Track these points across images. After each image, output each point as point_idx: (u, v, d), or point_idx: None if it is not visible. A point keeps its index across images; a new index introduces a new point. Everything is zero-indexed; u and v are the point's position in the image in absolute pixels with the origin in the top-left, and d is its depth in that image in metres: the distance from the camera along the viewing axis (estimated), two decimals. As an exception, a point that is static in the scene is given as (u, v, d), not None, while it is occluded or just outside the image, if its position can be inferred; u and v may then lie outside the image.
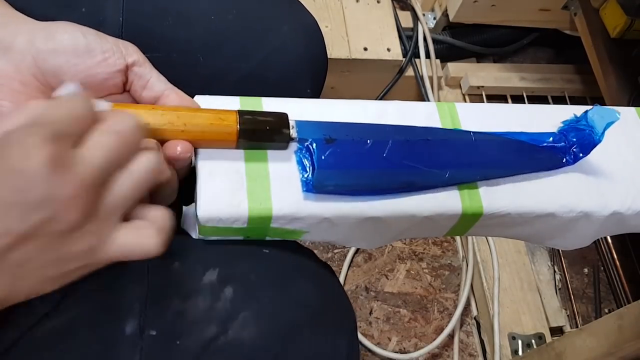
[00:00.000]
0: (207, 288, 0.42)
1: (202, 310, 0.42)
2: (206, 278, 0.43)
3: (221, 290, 0.42)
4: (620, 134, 0.53)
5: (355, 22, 1.27)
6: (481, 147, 0.48)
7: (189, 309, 0.42)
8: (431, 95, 1.28)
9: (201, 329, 0.41)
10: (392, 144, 0.45)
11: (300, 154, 0.45)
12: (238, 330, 0.41)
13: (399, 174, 0.45)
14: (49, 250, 0.32)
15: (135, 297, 0.41)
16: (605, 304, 1.20)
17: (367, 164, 0.45)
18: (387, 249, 1.19)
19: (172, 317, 0.41)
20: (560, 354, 0.81)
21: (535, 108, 0.54)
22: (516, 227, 0.50)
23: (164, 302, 0.42)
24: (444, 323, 1.11)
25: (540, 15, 1.28)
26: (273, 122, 0.43)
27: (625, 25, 1.03)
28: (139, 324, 0.41)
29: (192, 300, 0.42)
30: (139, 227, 0.35)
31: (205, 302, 0.42)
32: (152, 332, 0.40)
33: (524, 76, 1.34)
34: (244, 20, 0.55)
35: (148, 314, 0.41)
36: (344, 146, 0.44)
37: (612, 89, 1.08)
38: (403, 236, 0.51)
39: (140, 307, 0.41)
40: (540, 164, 0.49)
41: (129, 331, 0.40)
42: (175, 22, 0.52)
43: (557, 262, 1.21)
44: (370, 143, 0.45)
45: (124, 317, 0.41)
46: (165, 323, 0.41)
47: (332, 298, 0.49)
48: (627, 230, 0.53)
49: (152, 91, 0.43)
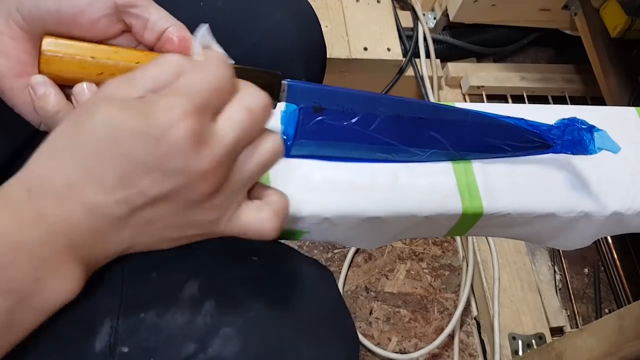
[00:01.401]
0: (186, 301, 0.40)
1: (179, 325, 0.39)
2: (186, 290, 0.40)
3: (202, 303, 0.40)
4: (621, 134, 0.53)
5: (355, 21, 1.27)
6: (474, 128, 0.48)
7: (166, 324, 0.39)
8: (431, 95, 1.28)
9: (178, 346, 0.38)
10: (380, 120, 0.45)
11: (286, 115, 0.44)
12: (219, 347, 0.38)
13: (377, 150, 0.46)
14: (177, 215, 0.33)
15: (106, 310, 0.39)
16: (605, 304, 1.20)
17: (349, 138, 0.45)
18: (387, 249, 1.18)
19: (146, 332, 0.38)
20: (561, 354, 0.80)
21: (535, 108, 0.54)
22: (516, 227, 0.50)
23: (138, 316, 0.39)
24: (444, 323, 1.11)
25: (541, 15, 1.28)
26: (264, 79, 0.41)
27: (625, 25, 1.03)
28: (110, 339, 0.38)
29: (170, 314, 0.39)
30: (261, 208, 0.36)
31: (183, 317, 0.39)
32: (124, 349, 0.38)
33: (524, 76, 1.34)
34: (233, 6, 0.54)
35: (120, 329, 0.38)
36: (331, 116, 0.44)
37: (613, 89, 1.08)
38: (403, 236, 0.51)
39: (112, 321, 0.38)
40: (530, 147, 0.49)
41: (99, 348, 0.37)
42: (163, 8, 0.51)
43: (558, 262, 1.21)
44: (358, 116, 0.44)
45: (93, 332, 0.38)
46: (139, 339, 0.38)
47: (329, 310, 0.46)
48: (627, 230, 0.53)
49: (153, 32, 0.40)
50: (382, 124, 0.45)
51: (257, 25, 0.54)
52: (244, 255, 0.43)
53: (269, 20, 0.54)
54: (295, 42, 0.55)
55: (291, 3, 0.57)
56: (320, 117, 0.43)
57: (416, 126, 0.46)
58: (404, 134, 0.46)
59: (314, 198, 0.44)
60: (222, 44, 0.40)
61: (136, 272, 0.40)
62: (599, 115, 0.55)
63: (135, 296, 0.40)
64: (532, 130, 0.48)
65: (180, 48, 0.39)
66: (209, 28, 0.37)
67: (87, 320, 0.38)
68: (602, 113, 0.56)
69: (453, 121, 0.47)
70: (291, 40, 0.55)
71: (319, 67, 0.60)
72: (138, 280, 0.40)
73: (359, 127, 0.44)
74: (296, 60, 0.56)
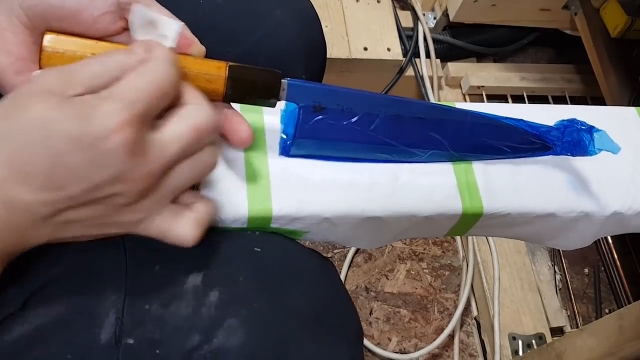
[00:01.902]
0: (191, 293, 0.40)
1: (184, 316, 0.39)
2: (190, 282, 0.40)
3: (206, 294, 0.39)
4: (621, 133, 0.53)
5: (355, 21, 1.27)
6: (474, 129, 0.48)
7: (170, 316, 0.39)
8: (431, 95, 1.28)
9: (183, 338, 0.38)
10: (379, 120, 0.45)
11: (286, 114, 0.44)
12: (223, 338, 0.38)
13: (377, 150, 0.46)
14: (99, 217, 0.33)
15: (111, 302, 0.39)
16: (605, 304, 1.20)
17: (349, 137, 0.45)
18: (387, 249, 1.18)
19: (151, 324, 0.38)
20: (561, 354, 0.80)
21: (535, 108, 0.54)
22: (516, 227, 0.50)
23: (143, 308, 0.39)
24: (444, 323, 1.11)
25: (541, 15, 1.28)
26: (264, 78, 0.41)
27: (625, 25, 1.03)
28: (116, 331, 0.38)
29: (174, 306, 0.39)
30: (182, 215, 0.36)
31: (188, 308, 0.39)
32: (129, 340, 0.37)
33: (524, 76, 1.34)
34: (233, 5, 0.54)
35: (125, 320, 0.38)
36: (331, 115, 0.44)
37: (613, 89, 1.08)
38: (403, 236, 0.51)
39: (117, 313, 0.38)
40: (530, 148, 0.49)
41: (104, 339, 0.37)
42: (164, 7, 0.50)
43: (558, 262, 1.20)
44: (358, 116, 0.44)
45: (99, 324, 0.38)
46: (144, 331, 0.38)
47: (332, 301, 0.46)
48: (627, 230, 0.53)
49: None
50: (382, 123, 0.45)
51: (257, 24, 0.54)
52: (246, 246, 0.43)
53: (269, 19, 0.54)
54: (296, 40, 0.55)
55: (291, 1, 0.57)
56: (320, 116, 0.43)
57: (416, 126, 0.46)
58: (404, 134, 0.46)
59: (314, 198, 0.44)
60: (222, 42, 0.40)
61: (139, 265, 0.40)
62: (599, 115, 0.55)
63: (139, 288, 0.40)
64: (531, 132, 0.48)
65: (180, 46, 0.39)
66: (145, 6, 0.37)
67: (92, 312, 0.38)
68: (602, 113, 0.56)
69: (453, 122, 0.47)
70: (291, 39, 0.55)
71: (319, 65, 0.60)
72: (141, 273, 0.40)
73: (359, 127, 0.44)
74: (296, 58, 0.55)
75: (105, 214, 0.33)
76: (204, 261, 0.41)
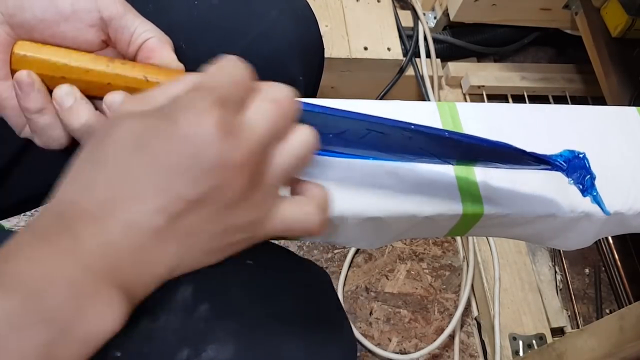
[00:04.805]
0: (180, 305, 0.38)
1: (173, 330, 0.37)
2: (179, 294, 0.38)
3: (195, 307, 0.38)
4: (621, 133, 0.53)
5: (355, 21, 1.27)
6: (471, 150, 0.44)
7: (159, 329, 0.37)
8: (431, 94, 1.27)
9: (172, 351, 0.37)
10: (368, 136, 0.42)
11: None
12: (212, 352, 0.37)
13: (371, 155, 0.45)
14: (217, 220, 0.32)
15: None
16: (606, 305, 1.20)
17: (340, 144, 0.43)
18: (388, 249, 1.18)
19: (139, 337, 0.37)
20: (561, 354, 0.80)
21: (536, 107, 0.54)
22: (517, 227, 0.50)
23: (131, 321, 0.37)
24: (444, 323, 1.11)
25: (541, 15, 1.28)
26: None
27: (626, 25, 1.03)
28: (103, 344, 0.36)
29: (163, 319, 0.38)
30: (301, 202, 0.35)
31: (177, 321, 0.38)
32: (116, 353, 0.36)
33: (524, 76, 1.34)
34: (229, 5, 0.53)
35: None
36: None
37: (613, 89, 1.08)
38: (403, 236, 0.50)
39: None
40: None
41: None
42: (157, 8, 0.49)
43: (558, 262, 1.20)
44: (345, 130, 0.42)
45: None
46: (131, 344, 0.36)
47: (325, 314, 0.45)
48: (628, 231, 0.52)
49: (136, 44, 0.40)
50: (370, 139, 0.43)
51: (253, 24, 0.53)
52: (238, 258, 0.42)
53: (265, 19, 0.54)
54: (293, 40, 0.55)
55: (288, 1, 0.57)
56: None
57: (405, 143, 0.43)
58: (392, 149, 0.44)
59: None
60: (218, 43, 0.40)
61: None
62: (599, 114, 0.54)
63: None
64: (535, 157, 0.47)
65: (160, 58, 0.39)
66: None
67: None
68: (602, 112, 0.56)
69: (444, 145, 0.43)
70: (288, 39, 0.54)
71: (316, 65, 0.59)
72: None
73: (347, 138, 0.42)
74: (293, 59, 0.55)
75: (221, 214, 0.32)
76: (194, 274, 0.39)
